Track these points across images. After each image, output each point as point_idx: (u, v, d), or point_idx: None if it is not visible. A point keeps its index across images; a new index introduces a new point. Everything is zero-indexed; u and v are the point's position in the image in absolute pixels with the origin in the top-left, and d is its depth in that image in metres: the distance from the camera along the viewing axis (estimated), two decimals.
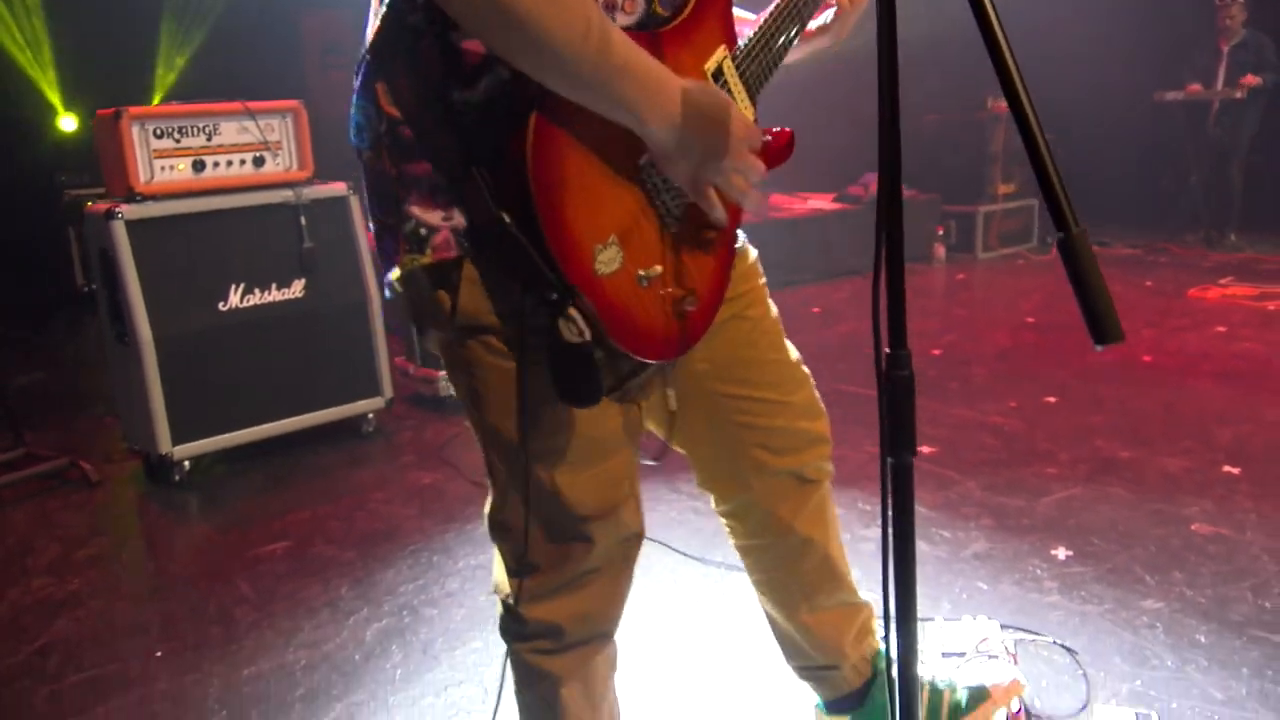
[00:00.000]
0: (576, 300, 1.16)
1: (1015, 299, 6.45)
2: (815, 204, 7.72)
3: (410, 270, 1.24)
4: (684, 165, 1.20)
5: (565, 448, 1.32)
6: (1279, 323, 5.43)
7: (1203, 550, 2.73)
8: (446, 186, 1.20)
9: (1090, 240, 0.95)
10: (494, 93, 1.17)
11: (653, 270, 1.27)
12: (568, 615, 1.43)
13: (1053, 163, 0.94)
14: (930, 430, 3.83)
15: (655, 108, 1.14)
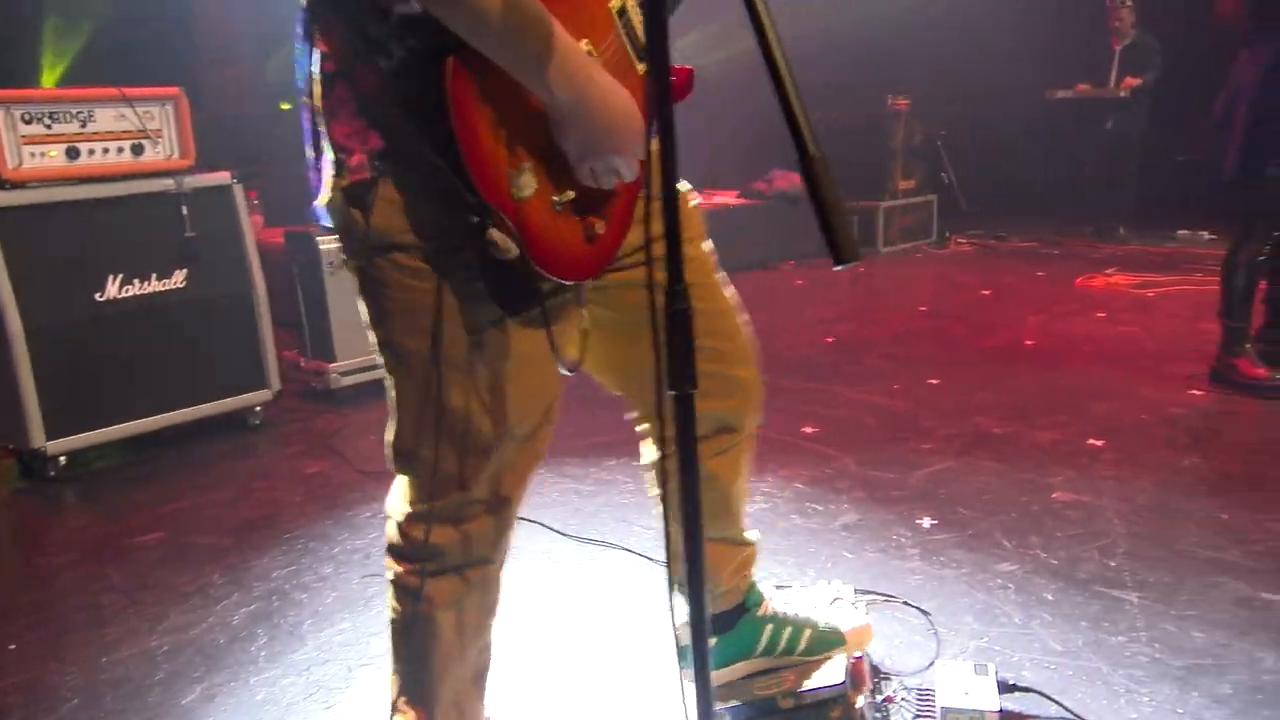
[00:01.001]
0: (496, 221, 1.21)
1: (912, 289, 6.61)
2: (720, 199, 7.81)
3: (331, 195, 1.29)
4: (574, 142, 1.27)
5: (474, 365, 1.34)
6: (1157, 308, 5.65)
7: (1061, 515, 2.84)
8: (363, 112, 1.25)
9: (828, 167, 0.98)
10: (410, 23, 1.20)
11: (565, 195, 1.32)
12: (446, 539, 1.46)
13: (796, 91, 0.98)
14: (818, 411, 3.91)
15: (564, 82, 1.20)
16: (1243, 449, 3.35)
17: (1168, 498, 2.93)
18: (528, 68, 1.19)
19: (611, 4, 1.35)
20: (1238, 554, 2.55)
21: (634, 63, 1.38)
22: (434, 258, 1.28)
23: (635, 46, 1.37)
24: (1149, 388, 4.07)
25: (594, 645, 2.28)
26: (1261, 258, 3.97)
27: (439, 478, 1.39)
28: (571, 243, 1.33)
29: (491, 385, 1.35)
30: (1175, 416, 3.70)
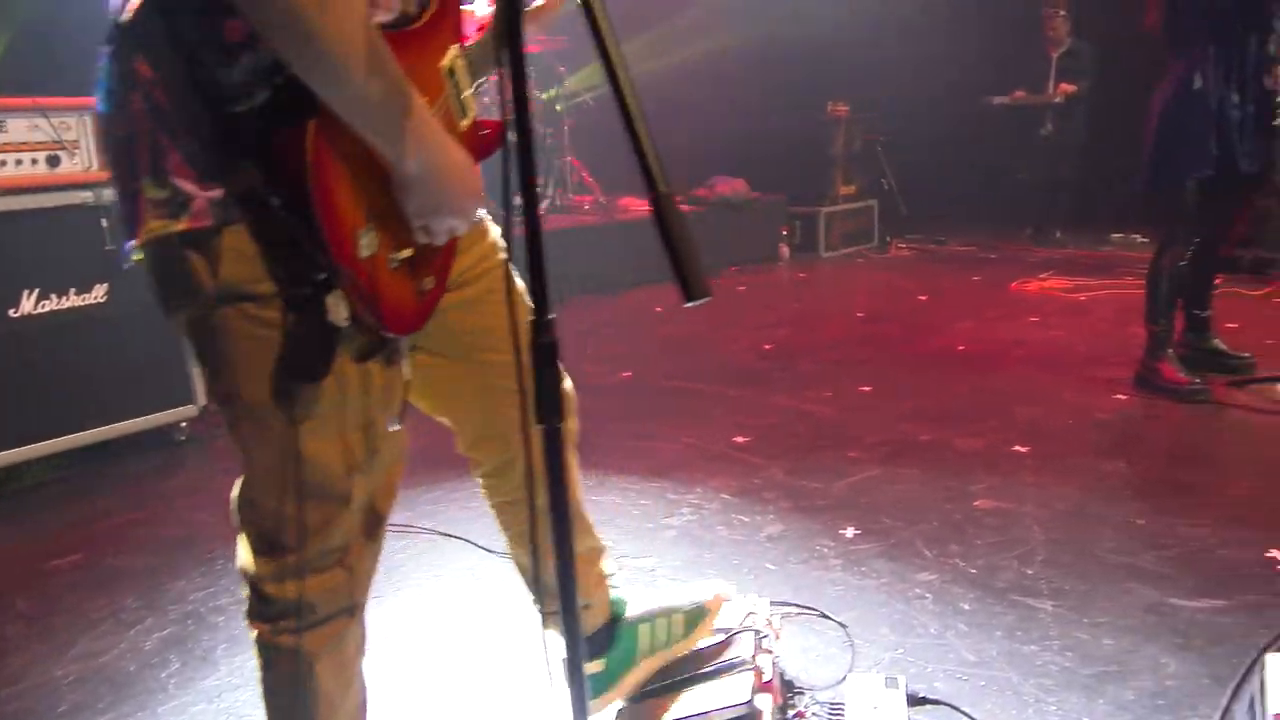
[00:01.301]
0: (342, 279, 1.20)
1: (851, 295, 6.67)
2: None
3: (160, 236, 1.22)
4: (416, 204, 1.27)
5: (324, 415, 1.32)
6: (1088, 312, 5.75)
7: (982, 523, 2.87)
8: (204, 157, 1.20)
9: (676, 204, 0.97)
10: (258, 73, 1.16)
11: (402, 253, 1.32)
12: (319, 590, 1.42)
13: (645, 129, 0.97)
14: (750, 420, 3.92)
15: (416, 147, 1.20)
16: (1162, 454, 3.42)
17: (1087, 503, 2.98)
18: (384, 132, 1.17)
19: (443, 63, 1.35)
20: (1151, 559, 2.60)
21: (458, 120, 1.39)
22: (284, 307, 1.25)
23: (461, 102, 1.39)
24: (1075, 392, 4.13)
25: (516, 662, 2.26)
26: (1183, 263, 4.05)
27: (303, 529, 1.36)
28: (405, 299, 1.34)
29: (343, 433, 1.33)
30: (1099, 421, 3.76)
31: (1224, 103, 3.79)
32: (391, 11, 1.26)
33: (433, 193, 1.25)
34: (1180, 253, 4.05)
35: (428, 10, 1.31)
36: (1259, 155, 3.95)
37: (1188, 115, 3.83)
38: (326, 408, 1.30)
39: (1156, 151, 3.95)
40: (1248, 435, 3.60)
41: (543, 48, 7.64)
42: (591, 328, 5.87)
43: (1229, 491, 3.04)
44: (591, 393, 4.43)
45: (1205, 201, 4.01)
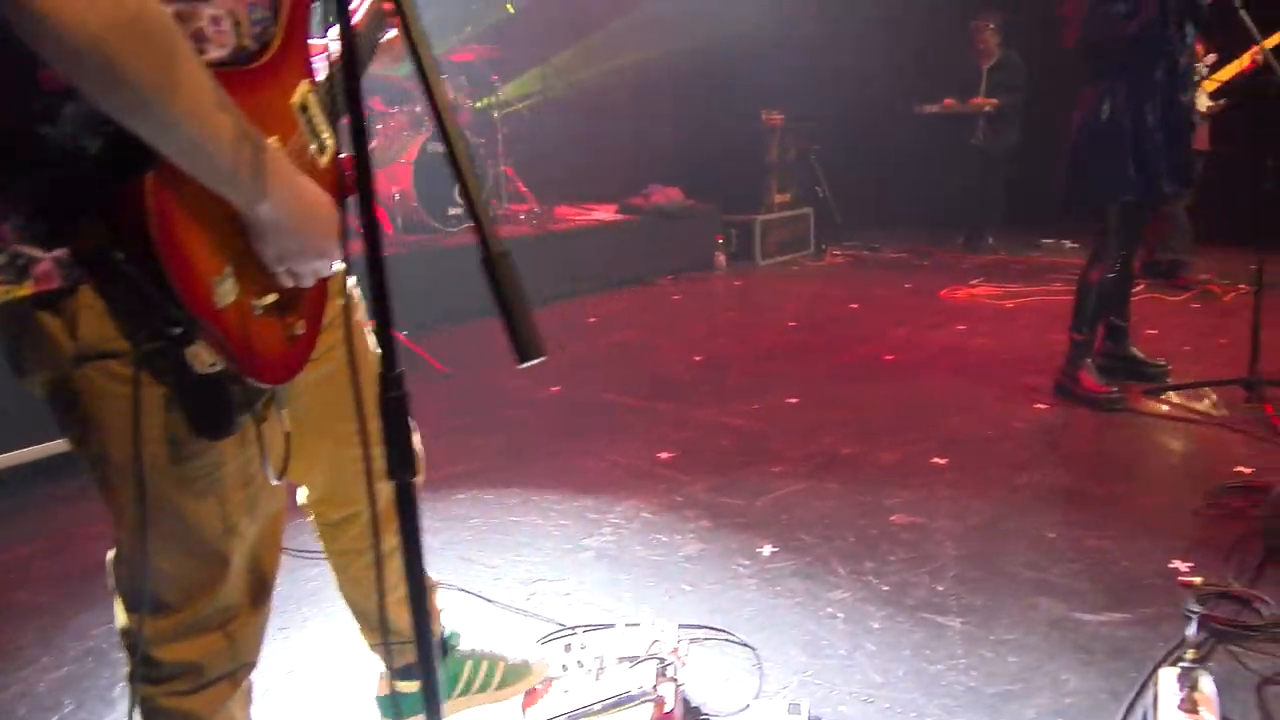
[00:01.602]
0: (201, 331, 1.15)
1: (784, 304, 6.69)
2: (598, 215, 7.81)
3: (6, 301, 1.17)
4: (274, 247, 1.23)
5: (196, 474, 1.28)
6: (1015, 319, 5.84)
7: (896, 539, 2.89)
8: (43, 218, 1.13)
9: (514, 265, 0.96)
10: (83, 124, 1.10)
11: (266, 299, 1.28)
12: (207, 651, 1.39)
13: (478, 192, 0.95)
14: (675, 435, 3.91)
15: (263, 190, 1.16)
16: (1076, 464, 3.47)
17: (1000, 517, 3.01)
18: (225, 178, 1.12)
19: (293, 100, 1.31)
20: (1058, 573, 2.63)
21: (316, 157, 1.35)
22: (146, 363, 1.20)
23: (318, 140, 1.35)
24: (997, 402, 4.19)
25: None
26: (1111, 275, 4.13)
27: (184, 589, 1.32)
28: (274, 345, 1.29)
29: (219, 490, 1.29)
30: (1018, 431, 3.82)
31: (1139, 128, 3.88)
32: (225, 48, 1.20)
33: (290, 236, 1.22)
34: (1109, 266, 4.13)
35: (271, 46, 1.26)
36: (1178, 175, 4.05)
37: (1102, 143, 3.92)
38: (200, 465, 1.26)
39: (1076, 175, 4.05)
40: (1158, 444, 3.68)
41: (475, 57, 7.59)
42: None
43: (1138, 501, 3.10)
44: (519, 408, 4.45)
45: (1129, 219, 4.10)
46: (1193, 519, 2.94)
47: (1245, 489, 3.10)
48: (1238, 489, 3.12)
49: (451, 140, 0.95)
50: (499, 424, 4.18)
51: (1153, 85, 3.92)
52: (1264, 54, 3.85)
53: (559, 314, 6.55)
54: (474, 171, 0.96)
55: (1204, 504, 3.03)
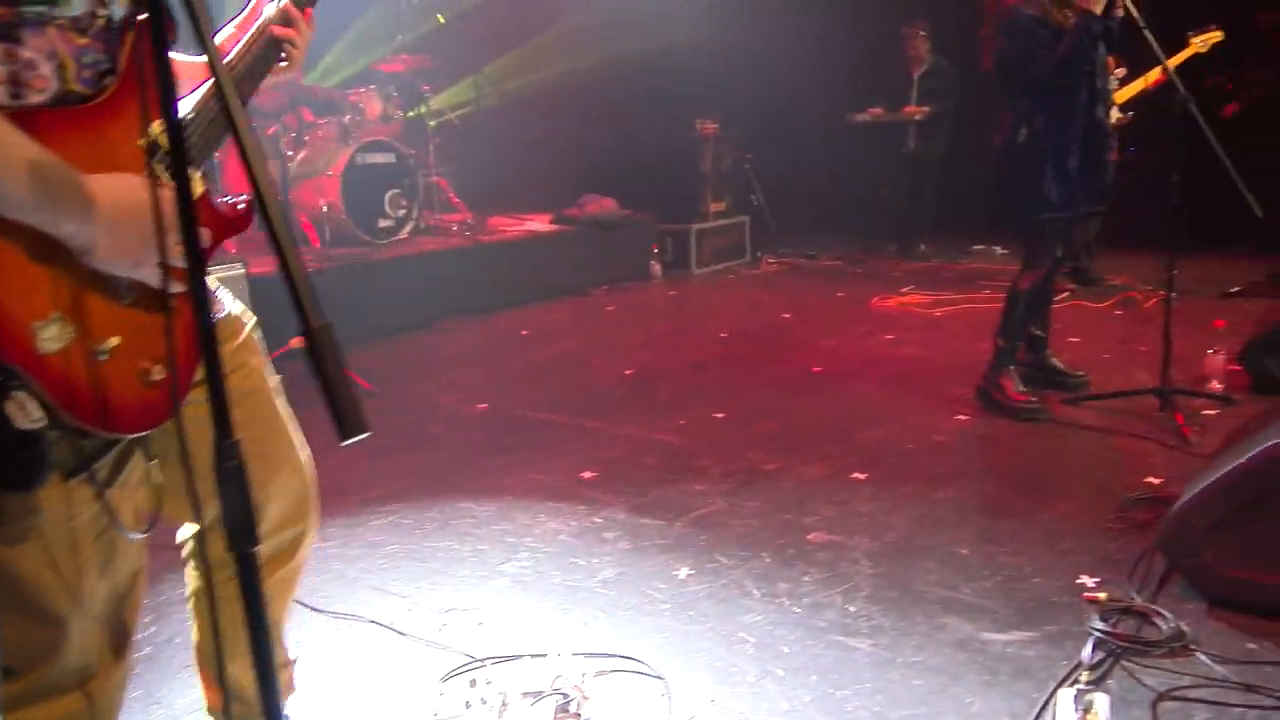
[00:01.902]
0: (20, 381, 1.11)
1: (717, 314, 6.71)
2: (532, 226, 7.77)
3: None
4: (120, 261, 1.20)
5: (17, 532, 1.22)
6: (943, 327, 5.90)
7: (812, 558, 2.90)
8: None
9: (334, 338, 0.93)
10: None
11: (108, 343, 1.23)
12: (66, 713, 1.34)
13: (296, 258, 0.92)
14: (601, 453, 3.89)
15: (69, 212, 1.13)
16: (993, 478, 3.51)
17: (915, 533, 3.04)
18: (14, 206, 1.10)
19: (142, 140, 1.28)
20: (969, 591, 2.66)
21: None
22: None
23: (174, 178, 1.31)
24: (920, 413, 4.23)
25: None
26: (1039, 285, 4.19)
27: (22, 651, 1.28)
28: (124, 392, 1.25)
29: (48, 549, 1.25)
30: (938, 444, 3.85)
31: (1061, 148, 3.95)
32: (45, 92, 1.18)
33: (122, 239, 1.19)
34: (1040, 275, 4.19)
35: (108, 87, 1.24)
36: (1097, 192, 4.13)
37: (1022, 164, 3.99)
38: (21, 523, 1.21)
39: (1000, 194, 4.14)
40: (1074, 455, 3.73)
41: (405, 67, 7.52)
42: (456, 354, 5.78)
43: (1051, 514, 3.14)
44: (444, 426, 4.39)
45: (1053, 234, 4.16)
46: (1102, 532, 2.99)
47: (1153, 500, 3.16)
48: (1146, 500, 3.18)
49: (267, 207, 0.92)
50: (423, 443, 4.12)
51: (1075, 106, 3.99)
52: (1168, 72, 3.93)
53: (492, 327, 6.50)
54: (291, 241, 0.93)
55: (1113, 517, 3.09)
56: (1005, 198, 4.20)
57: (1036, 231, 4.12)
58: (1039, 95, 3.96)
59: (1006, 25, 3.97)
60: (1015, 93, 4.05)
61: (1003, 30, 3.99)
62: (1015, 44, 3.94)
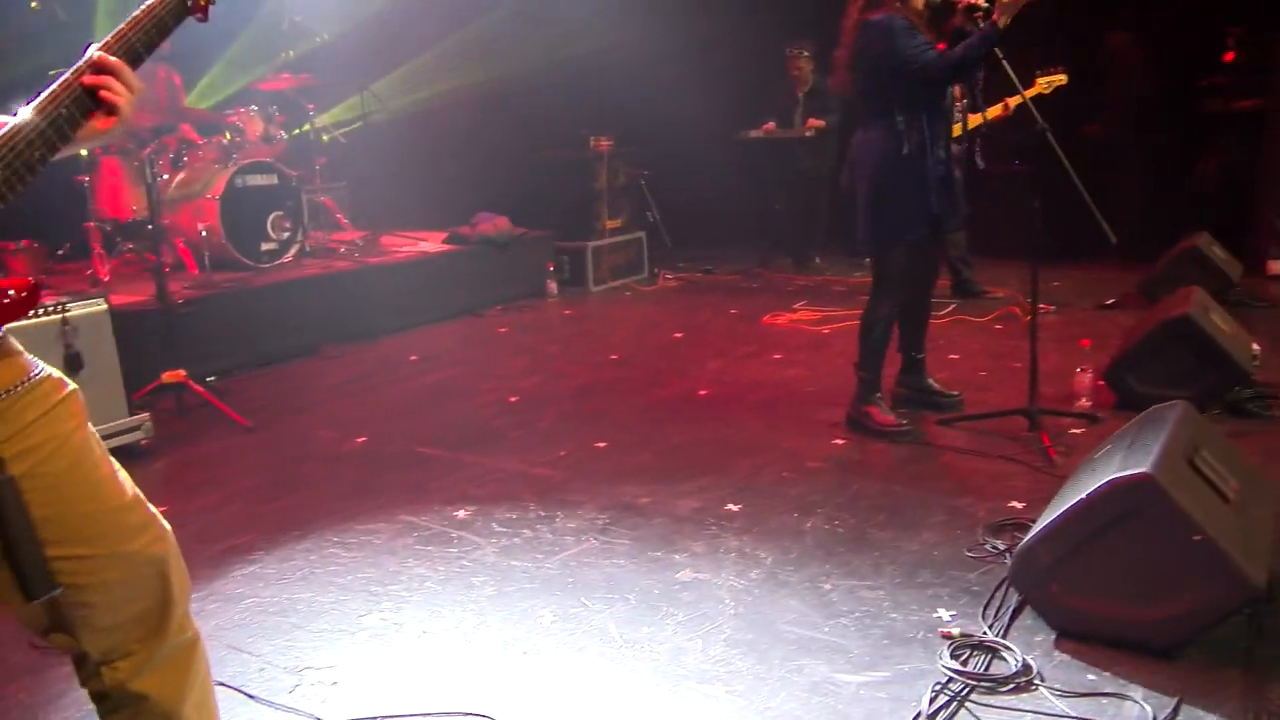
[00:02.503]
0: None
1: (609, 334, 6.69)
2: (424, 246, 7.65)
3: None
4: None
5: None
6: (829, 346, 5.96)
7: (677, 599, 2.89)
8: None
9: (16, 490, 0.87)
10: None
11: None
12: None
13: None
14: (476, 489, 3.83)
15: None
16: (862, 507, 3.54)
17: (782, 568, 3.05)
18: None
19: None
20: (828, 630, 2.67)
21: None
22: None
23: None
24: (796, 438, 4.26)
25: None
26: (891, 315, 4.25)
27: None
28: None
29: None
30: (812, 472, 3.88)
31: (934, 163, 4.02)
32: None
33: None
34: (894, 304, 4.25)
35: None
36: (956, 211, 4.22)
37: (902, 181, 4.01)
38: None
39: (873, 214, 4.11)
40: (941, 480, 3.78)
41: (288, 85, 7.35)
42: (340, 382, 5.65)
43: (914, 543, 3.18)
44: (320, 464, 4.28)
45: (918, 255, 4.23)
46: (963, 562, 3.04)
47: (1014, 527, 3.22)
48: (1008, 527, 3.24)
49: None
50: (295, 483, 4.01)
51: (944, 120, 4.07)
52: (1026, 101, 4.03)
53: (379, 352, 6.38)
54: None
55: (975, 546, 3.14)
56: (877, 219, 4.12)
57: (896, 254, 4.16)
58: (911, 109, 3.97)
59: (881, 30, 3.91)
60: (882, 109, 4.04)
61: (879, 36, 3.92)
62: (896, 45, 3.87)
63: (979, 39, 3.79)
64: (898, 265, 4.18)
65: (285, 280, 6.39)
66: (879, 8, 3.97)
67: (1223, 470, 2.69)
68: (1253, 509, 2.70)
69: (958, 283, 7.24)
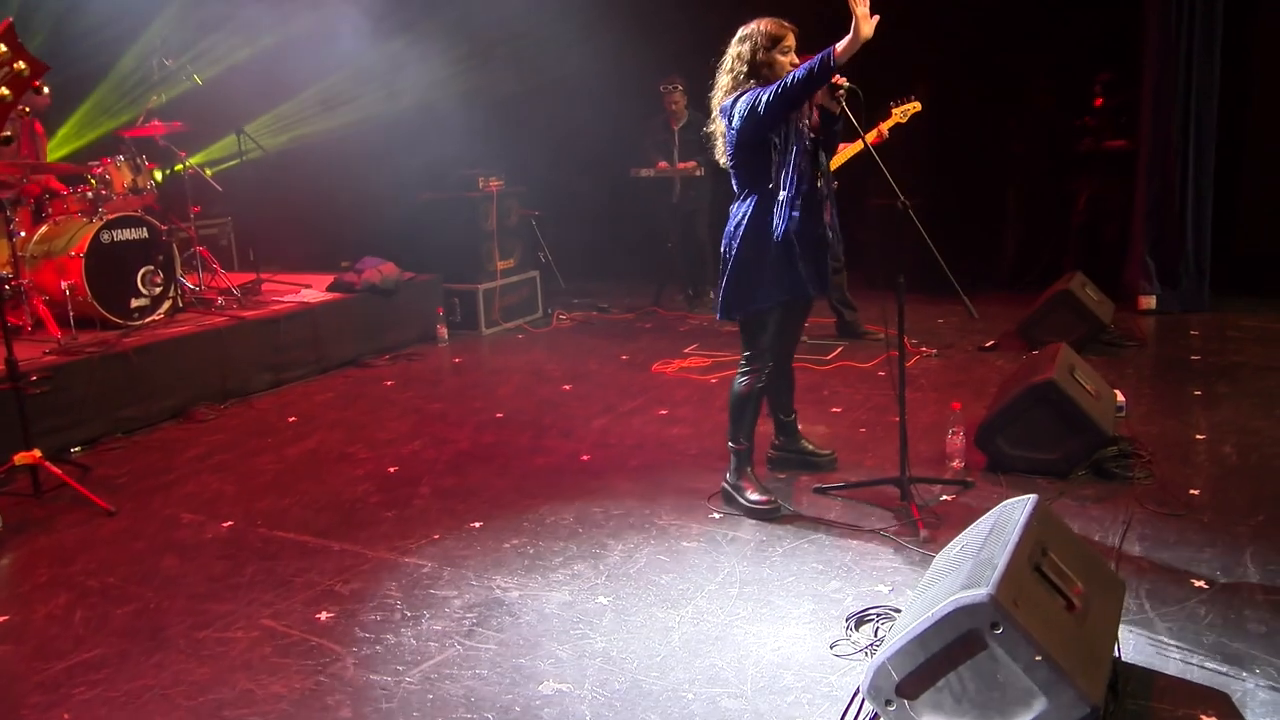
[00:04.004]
0: None
1: (496, 386, 6.59)
2: (306, 295, 7.43)
3: None
4: None
5: None
6: (716, 398, 5.96)
7: (538, 716, 2.82)
8: None
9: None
10: None
11: None
12: None
13: None
14: (340, 585, 3.71)
15: None
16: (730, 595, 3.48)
17: (645, 674, 3.00)
18: None
19: None
20: None
21: None
22: None
23: None
24: (672, 513, 4.24)
25: None
26: (760, 384, 4.25)
27: None
28: None
29: None
30: (685, 553, 3.84)
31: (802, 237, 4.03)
32: None
33: None
34: (764, 374, 4.25)
35: None
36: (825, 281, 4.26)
37: (770, 254, 4.03)
38: None
39: (740, 287, 4.13)
40: (813, 558, 3.74)
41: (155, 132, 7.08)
42: (209, 450, 5.44)
43: (778, 639, 3.17)
44: (180, 555, 4.10)
45: (786, 319, 4.25)
46: (825, 662, 3.03)
47: (878, 617, 3.24)
48: (870, 617, 3.26)
49: None
50: (154, 579, 3.83)
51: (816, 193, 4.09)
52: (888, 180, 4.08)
53: (256, 413, 6.18)
54: None
55: (840, 638, 3.15)
56: (745, 288, 4.11)
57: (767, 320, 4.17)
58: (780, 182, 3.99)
59: (740, 103, 3.99)
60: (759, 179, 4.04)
61: (740, 111, 3.99)
62: (749, 104, 3.91)
63: (816, 58, 3.78)
64: (765, 336, 4.20)
65: (154, 342, 6.12)
66: (741, 90, 4.01)
67: (1069, 573, 2.74)
68: (1097, 608, 2.75)
69: (841, 325, 7.34)
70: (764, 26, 4.04)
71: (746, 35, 4.06)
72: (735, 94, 4.05)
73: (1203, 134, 7.63)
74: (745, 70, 4.05)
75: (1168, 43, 7.54)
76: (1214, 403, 5.43)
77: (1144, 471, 4.39)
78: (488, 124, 8.62)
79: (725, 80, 4.14)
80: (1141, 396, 5.56)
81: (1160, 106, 7.65)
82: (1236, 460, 4.51)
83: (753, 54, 4.03)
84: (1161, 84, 7.62)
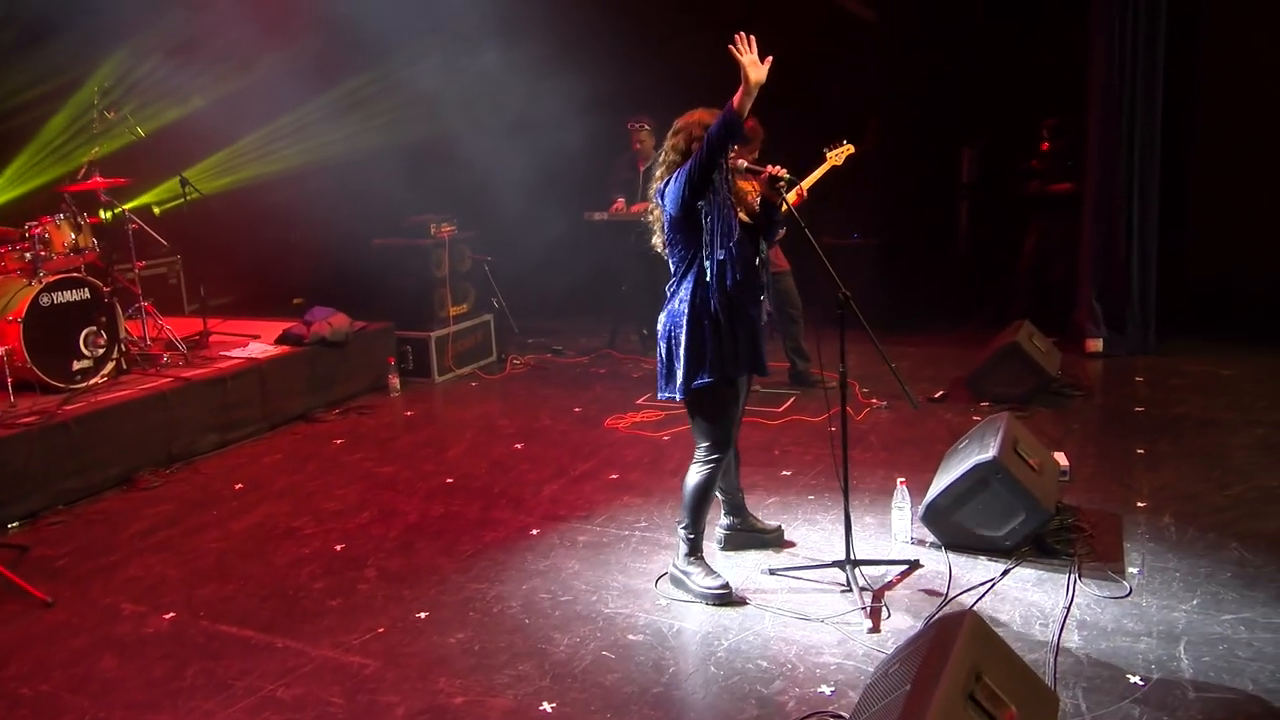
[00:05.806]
0: None
1: (448, 444, 6.54)
2: (254, 349, 7.33)
3: None
4: None
5: None
6: (668, 458, 5.96)
7: None
8: None
9: None
10: None
11: None
12: None
13: None
14: (281, 690, 3.65)
15: None
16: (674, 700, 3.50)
17: None
18: None
19: None
20: None
21: None
22: None
23: None
24: (620, 598, 4.22)
25: None
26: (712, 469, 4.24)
27: None
28: None
29: None
30: (632, 647, 3.82)
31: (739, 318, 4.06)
32: None
33: None
34: (721, 461, 4.24)
35: None
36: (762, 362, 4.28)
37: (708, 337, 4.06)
38: None
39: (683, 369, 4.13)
40: (759, 655, 3.71)
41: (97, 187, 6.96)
42: (153, 525, 5.35)
43: None
44: (116, 654, 4.02)
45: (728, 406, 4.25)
46: None
47: None
48: None
49: None
50: (90, 685, 3.75)
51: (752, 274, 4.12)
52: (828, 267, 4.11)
53: (200, 477, 6.09)
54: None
55: None
56: (692, 368, 4.12)
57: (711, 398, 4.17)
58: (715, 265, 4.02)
59: (672, 184, 4.09)
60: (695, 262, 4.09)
61: (658, 194, 4.17)
62: (682, 177, 4.00)
63: (718, 119, 3.84)
64: (723, 418, 4.20)
65: (96, 410, 6.00)
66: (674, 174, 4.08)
67: (1002, 697, 2.76)
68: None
69: (794, 373, 7.37)
70: (697, 117, 4.12)
71: (681, 128, 4.18)
72: (667, 178, 4.12)
73: (1147, 177, 7.74)
74: (678, 160, 4.13)
75: (1111, 86, 7.66)
76: (1156, 463, 5.51)
77: (1085, 547, 4.44)
78: (438, 168, 8.56)
79: (660, 171, 4.22)
80: (1086, 457, 5.63)
81: (1105, 151, 7.77)
82: (1175, 534, 4.58)
83: (687, 144, 4.12)
84: (1106, 128, 7.73)
